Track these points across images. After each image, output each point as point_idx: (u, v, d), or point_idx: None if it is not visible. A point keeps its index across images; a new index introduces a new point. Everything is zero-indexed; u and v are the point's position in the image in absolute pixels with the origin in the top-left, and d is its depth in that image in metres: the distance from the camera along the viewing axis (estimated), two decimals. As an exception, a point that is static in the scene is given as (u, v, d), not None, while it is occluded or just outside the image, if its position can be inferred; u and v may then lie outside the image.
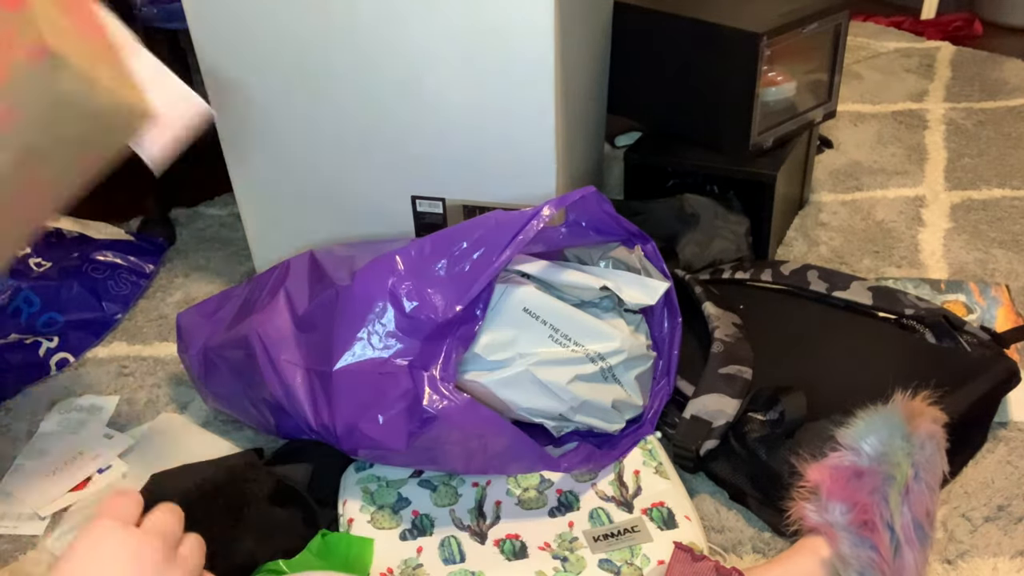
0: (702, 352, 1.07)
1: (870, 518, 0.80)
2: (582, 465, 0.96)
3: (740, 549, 0.96)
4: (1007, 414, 1.08)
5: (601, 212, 1.00)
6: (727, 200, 1.36)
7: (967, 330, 1.07)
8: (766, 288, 1.21)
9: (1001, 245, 1.42)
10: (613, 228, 1.03)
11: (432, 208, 1.21)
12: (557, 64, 1.07)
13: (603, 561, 0.88)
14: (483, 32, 1.06)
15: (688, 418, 1.00)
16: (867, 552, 0.80)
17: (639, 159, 1.41)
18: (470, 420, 0.86)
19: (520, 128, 1.11)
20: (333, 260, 1.03)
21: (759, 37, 1.23)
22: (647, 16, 1.36)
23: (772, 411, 0.98)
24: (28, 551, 1.00)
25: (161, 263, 1.50)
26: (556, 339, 0.95)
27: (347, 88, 1.14)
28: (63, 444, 1.14)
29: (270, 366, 0.98)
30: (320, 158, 1.21)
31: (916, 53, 2.13)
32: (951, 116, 1.83)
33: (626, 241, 1.05)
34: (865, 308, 1.13)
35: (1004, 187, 1.58)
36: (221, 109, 1.21)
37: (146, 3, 1.42)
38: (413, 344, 0.91)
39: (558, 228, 1.02)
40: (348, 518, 0.95)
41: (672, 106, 1.39)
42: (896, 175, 1.63)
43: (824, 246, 1.44)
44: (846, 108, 1.88)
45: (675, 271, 1.20)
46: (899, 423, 0.84)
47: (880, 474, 0.82)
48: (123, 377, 1.26)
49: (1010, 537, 0.95)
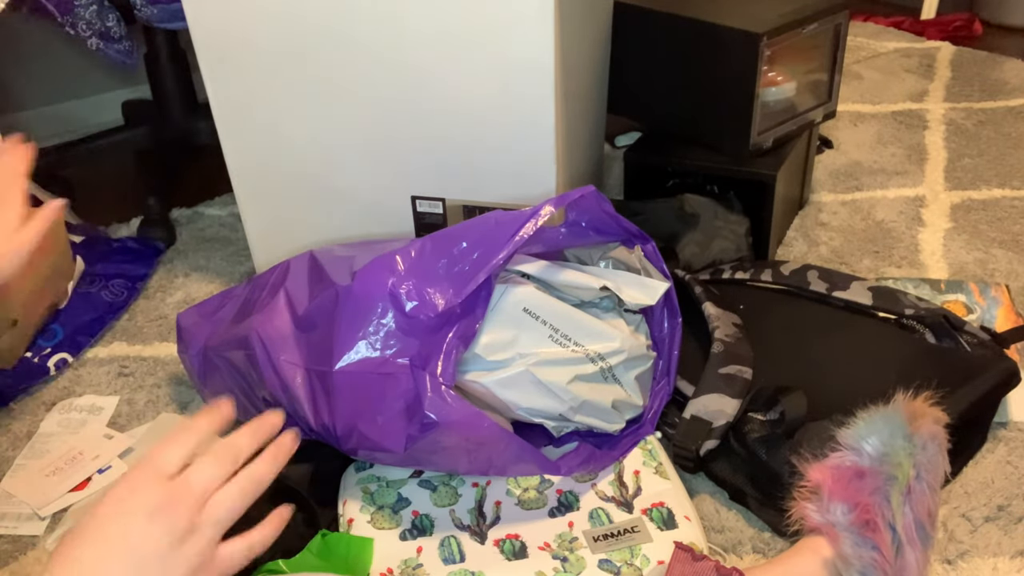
0: (702, 352, 1.07)
1: (872, 518, 0.80)
2: (582, 468, 0.96)
3: (740, 549, 0.96)
4: (1007, 414, 1.08)
5: (601, 212, 1.00)
6: (727, 200, 1.36)
7: (967, 330, 1.07)
8: (766, 288, 1.21)
9: (1001, 245, 1.42)
10: (613, 228, 1.03)
11: (432, 208, 1.21)
12: (557, 64, 1.07)
13: (603, 561, 0.88)
14: (483, 32, 1.06)
15: (688, 418, 1.00)
16: (869, 552, 0.80)
17: (639, 159, 1.41)
18: (471, 427, 0.86)
19: (520, 128, 1.11)
20: (333, 260, 1.03)
21: (759, 37, 1.23)
22: (647, 16, 1.36)
23: (772, 411, 0.98)
24: (28, 551, 1.00)
25: (158, 265, 1.50)
26: (556, 339, 0.95)
27: (347, 89, 1.14)
28: (63, 444, 1.14)
29: (270, 366, 0.98)
30: (320, 158, 1.21)
31: (916, 53, 2.13)
32: (951, 116, 1.83)
33: (626, 241, 1.05)
34: (865, 308, 1.13)
35: (1004, 187, 1.58)
36: (221, 109, 1.21)
37: (146, 3, 1.42)
38: (413, 344, 0.91)
39: (558, 228, 1.01)
40: (348, 518, 0.95)
41: (672, 106, 1.39)
42: (896, 175, 1.63)
43: (824, 246, 1.44)
44: (846, 108, 1.88)
45: (675, 271, 1.20)
46: (901, 423, 0.84)
47: (882, 474, 0.82)
48: (123, 377, 1.26)
49: (1010, 537, 0.95)
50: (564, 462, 0.94)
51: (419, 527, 0.93)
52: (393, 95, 1.13)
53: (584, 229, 1.02)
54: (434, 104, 1.12)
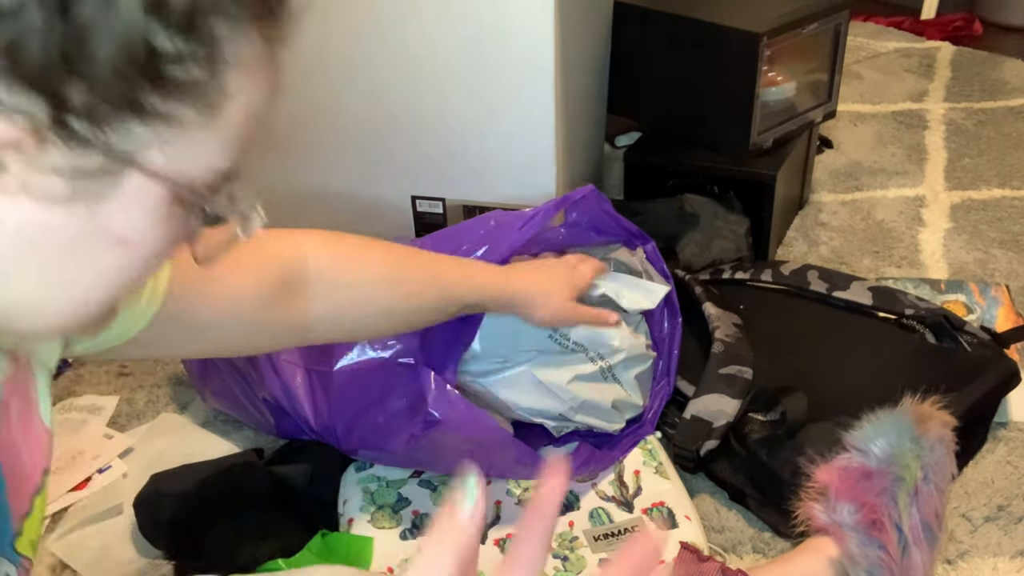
0: (702, 352, 1.07)
1: (879, 518, 0.80)
2: (582, 470, 0.96)
3: (740, 549, 0.96)
4: (1007, 414, 1.08)
5: (601, 212, 1.00)
6: (727, 200, 1.36)
7: (967, 330, 1.07)
8: (766, 288, 1.21)
9: (1001, 245, 1.42)
10: (613, 228, 1.03)
11: (432, 208, 1.21)
12: (557, 64, 1.07)
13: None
14: (483, 32, 1.06)
15: (688, 418, 1.00)
16: (876, 552, 0.80)
17: (639, 159, 1.41)
18: (473, 427, 0.86)
19: (520, 128, 1.11)
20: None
21: (759, 37, 1.22)
22: (647, 16, 1.36)
23: (773, 411, 0.97)
24: (28, 551, 1.00)
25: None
26: (555, 339, 0.95)
27: (347, 89, 1.14)
28: (63, 444, 1.14)
29: (270, 366, 0.98)
30: (320, 158, 1.21)
31: (916, 53, 2.13)
32: (951, 116, 1.83)
33: (626, 242, 1.05)
34: (865, 308, 1.13)
35: (1004, 187, 1.58)
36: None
37: (146, 3, 1.42)
38: (413, 344, 0.91)
39: (558, 228, 1.01)
40: (348, 518, 0.95)
41: (672, 106, 1.39)
42: (896, 175, 1.63)
43: (824, 246, 1.44)
44: (846, 108, 1.88)
45: (675, 271, 1.20)
46: (908, 426, 0.84)
47: (889, 475, 0.82)
48: (123, 377, 1.26)
49: (1010, 537, 0.95)
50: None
51: (419, 527, 0.93)
52: (393, 95, 1.13)
53: (584, 229, 1.02)
54: (434, 104, 1.12)
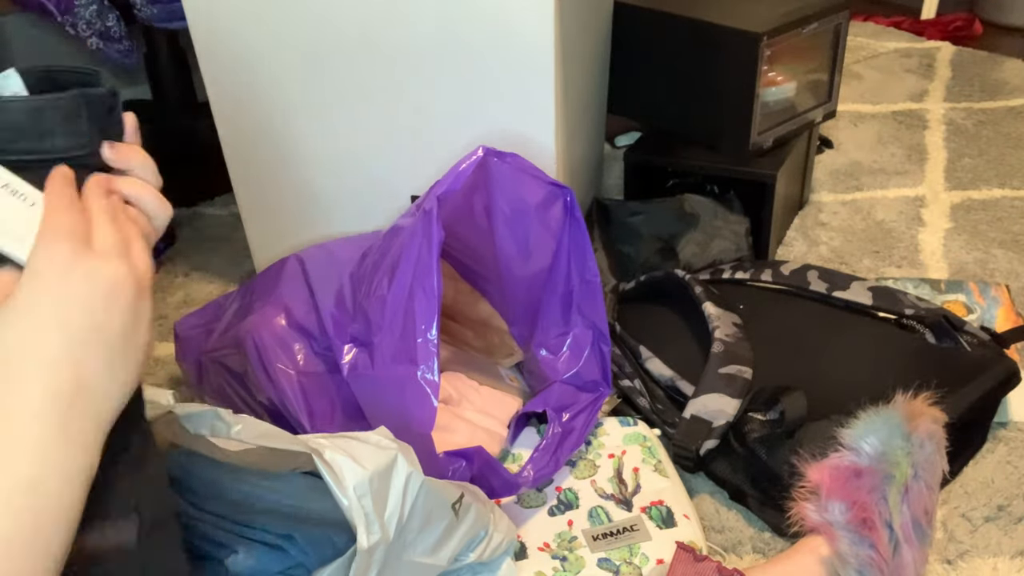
0: (702, 352, 1.07)
1: (869, 516, 0.80)
2: (551, 468, 0.95)
3: (740, 549, 0.96)
4: (1007, 414, 1.08)
5: (518, 172, 0.93)
6: (727, 200, 1.36)
7: (967, 330, 1.07)
8: (766, 288, 1.21)
9: (1001, 245, 1.42)
10: (536, 185, 0.96)
11: (432, 208, 1.21)
12: (557, 64, 1.07)
13: (602, 560, 0.88)
14: (483, 32, 1.06)
15: (688, 418, 1.00)
16: (866, 550, 0.80)
17: (639, 159, 1.41)
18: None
19: (520, 127, 1.11)
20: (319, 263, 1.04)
21: (759, 37, 1.23)
22: (647, 16, 1.36)
23: (772, 411, 0.98)
24: (28, 551, 1.00)
25: (158, 265, 1.50)
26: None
27: (347, 88, 1.14)
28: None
29: (263, 371, 0.98)
30: (320, 158, 1.21)
31: (916, 53, 2.13)
32: (951, 116, 1.83)
33: (549, 195, 0.97)
34: (865, 308, 1.13)
35: (1004, 187, 1.58)
36: (221, 109, 1.21)
37: (146, 3, 1.42)
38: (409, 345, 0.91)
39: (498, 212, 0.97)
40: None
41: (672, 106, 1.39)
42: (896, 175, 1.63)
43: (824, 246, 1.44)
44: (846, 108, 1.88)
45: (675, 271, 1.21)
46: (898, 423, 0.85)
47: (879, 473, 0.82)
48: (123, 377, 1.26)
49: (1010, 537, 0.95)
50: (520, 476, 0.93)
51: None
52: (393, 95, 1.13)
53: (521, 211, 0.97)
54: (434, 104, 1.12)
